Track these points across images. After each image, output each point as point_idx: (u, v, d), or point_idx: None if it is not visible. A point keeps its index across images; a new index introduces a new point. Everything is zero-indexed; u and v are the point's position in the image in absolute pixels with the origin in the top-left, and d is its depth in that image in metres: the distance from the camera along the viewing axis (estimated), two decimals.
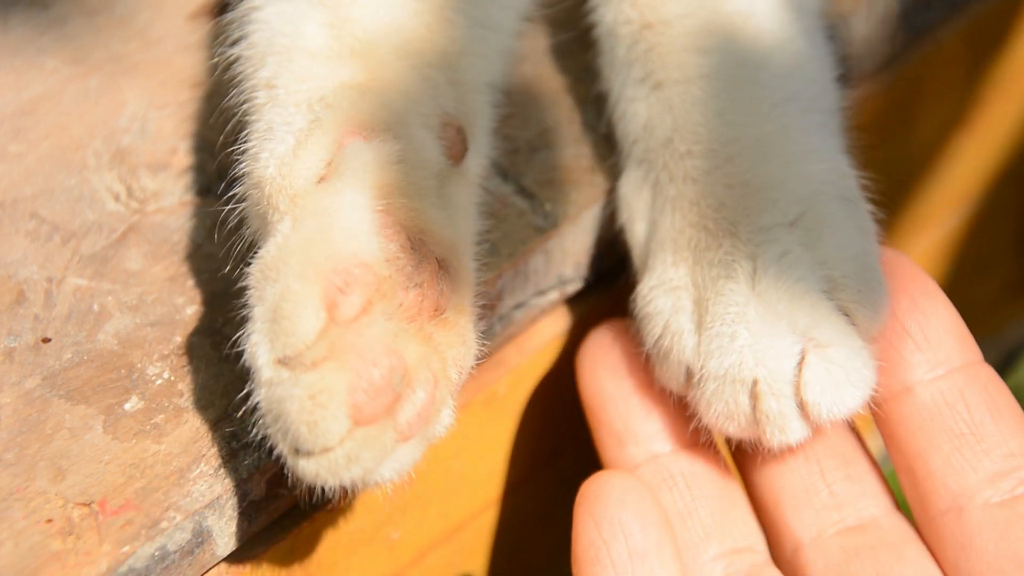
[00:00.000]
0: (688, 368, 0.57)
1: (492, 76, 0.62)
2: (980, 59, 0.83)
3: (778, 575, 0.58)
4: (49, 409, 0.56)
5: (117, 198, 0.63)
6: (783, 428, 0.56)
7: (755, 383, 0.55)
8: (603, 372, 0.62)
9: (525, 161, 0.64)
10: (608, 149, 0.65)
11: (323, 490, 0.50)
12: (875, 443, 0.62)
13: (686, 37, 0.61)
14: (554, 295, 0.64)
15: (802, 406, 0.55)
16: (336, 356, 0.49)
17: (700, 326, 0.57)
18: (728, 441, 0.60)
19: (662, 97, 0.61)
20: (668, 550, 0.57)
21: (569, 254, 0.64)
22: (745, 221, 0.58)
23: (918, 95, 0.79)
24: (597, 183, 0.64)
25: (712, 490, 0.60)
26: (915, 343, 0.58)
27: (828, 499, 0.58)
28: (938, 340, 0.58)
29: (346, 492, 0.51)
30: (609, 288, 0.67)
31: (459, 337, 0.53)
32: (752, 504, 0.61)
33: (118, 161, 0.64)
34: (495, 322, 0.62)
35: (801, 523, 0.58)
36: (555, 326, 0.66)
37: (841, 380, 0.55)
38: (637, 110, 0.62)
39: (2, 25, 0.69)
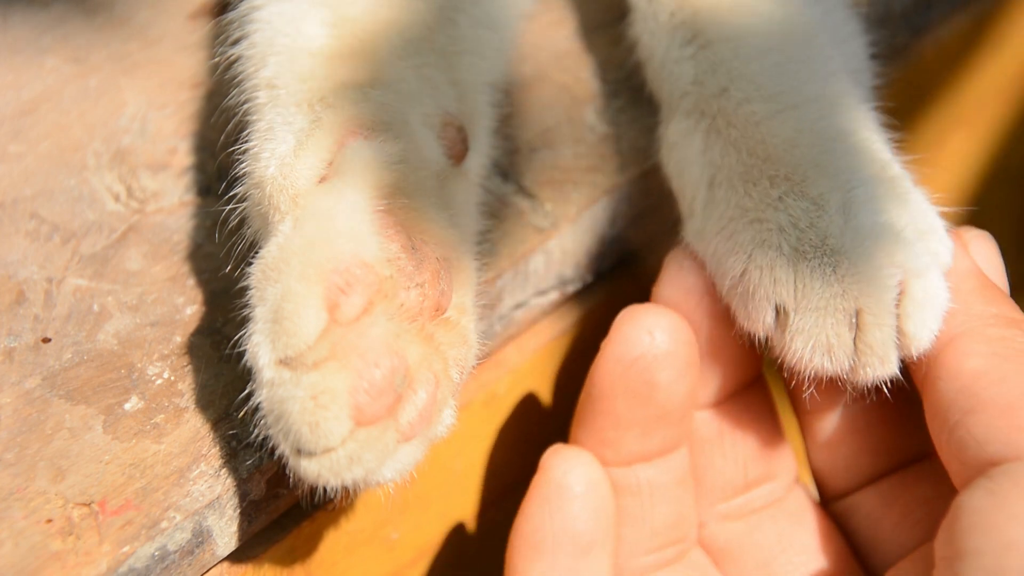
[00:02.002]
0: (778, 304, 0.56)
1: (492, 76, 0.62)
2: (980, 59, 0.83)
3: (701, 554, 0.61)
4: (49, 409, 0.56)
5: (117, 198, 0.63)
6: (884, 359, 0.55)
7: (859, 313, 0.54)
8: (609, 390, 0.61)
9: (525, 161, 0.64)
10: (609, 149, 0.65)
11: (325, 490, 0.50)
12: None
13: (732, 1, 0.61)
14: (554, 295, 0.64)
15: (902, 335, 0.55)
16: (338, 357, 0.49)
17: (795, 256, 0.55)
18: None
19: (713, 52, 0.61)
20: (607, 548, 0.59)
21: (569, 254, 0.64)
22: (827, 159, 0.57)
23: (918, 95, 0.79)
24: (597, 183, 0.64)
25: (670, 500, 0.61)
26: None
27: (736, 475, 0.61)
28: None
29: (347, 492, 0.51)
30: (609, 288, 0.67)
31: (460, 337, 0.53)
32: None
33: (118, 161, 0.64)
34: (495, 322, 0.62)
35: (712, 509, 0.61)
36: (555, 326, 0.66)
37: (934, 310, 0.54)
38: (684, 68, 0.61)
39: (2, 24, 0.69)
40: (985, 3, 0.80)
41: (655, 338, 0.58)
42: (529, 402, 0.66)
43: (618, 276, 0.67)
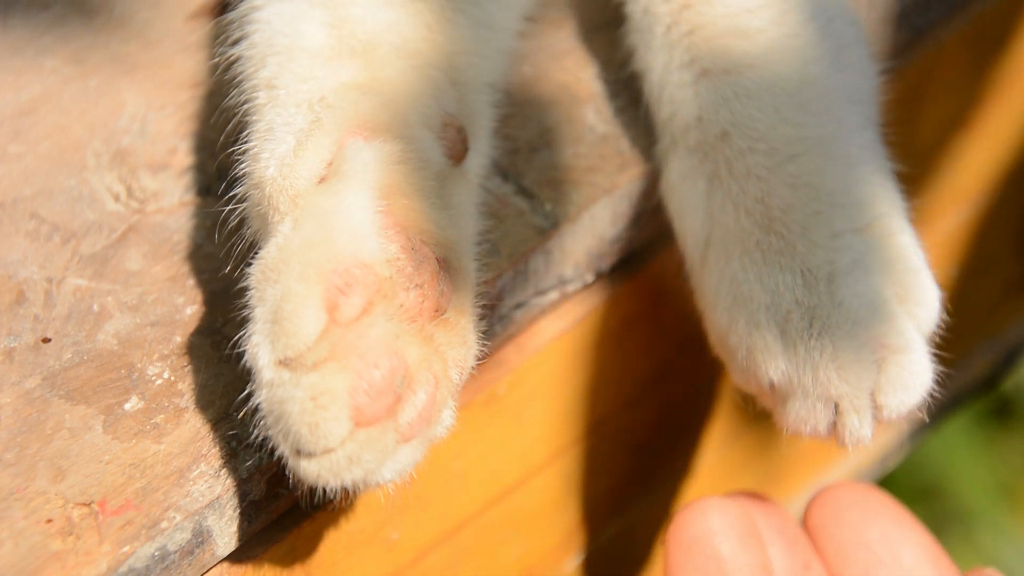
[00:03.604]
0: (772, 381, 0.58)
1: (493, 76, 0.62)
2: (980, 59, 0.83)
3: None
4: (49, 409, 0.56)
5: (117, 198, 0.63)
6: (860, 437, 0.58)
7: (839, 399, 0.57)
8: None
9: (525, 161, 0.64)
10: (609, 149, 0.65)
11: (324, 491, 0.50)
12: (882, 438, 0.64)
13: (727, 19, 0.61)
14: (554, 295, 0.64)
15: (876, 408, 0.58)
16: (337, 357, 0.49)
17: (784, 341, 0.58)
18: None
19: (713, 87, 0.61)
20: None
21: (569, 254, 0.64)
22: (816, 226, 0.58)
23: (918, 95, 0.79)
24: (597, 183, 0.64)
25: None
26: (891, 572, 0.61)
27: None
28: (913, 567, 0.61)
29: (347, 493, 0.51)
30: (609, 288, 0.67)
31: (460, 338, 0.53)
32: None
33: (118, 161, 0.64)
34: (495, 322, 0.62)
35: None
36: (555, 326, 0.65)
37: (912, 384, 0.57)
38: (686, 97, 0.62)
39: (2, 25, 0.69)
40: (985, 3, 0.80)
41: (709, 518, 0.60)
42: (529, 402, 0.66)
43: (618, 276, 0.67)
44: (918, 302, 0.58)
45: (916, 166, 0.60)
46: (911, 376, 0.57)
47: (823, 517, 0.62)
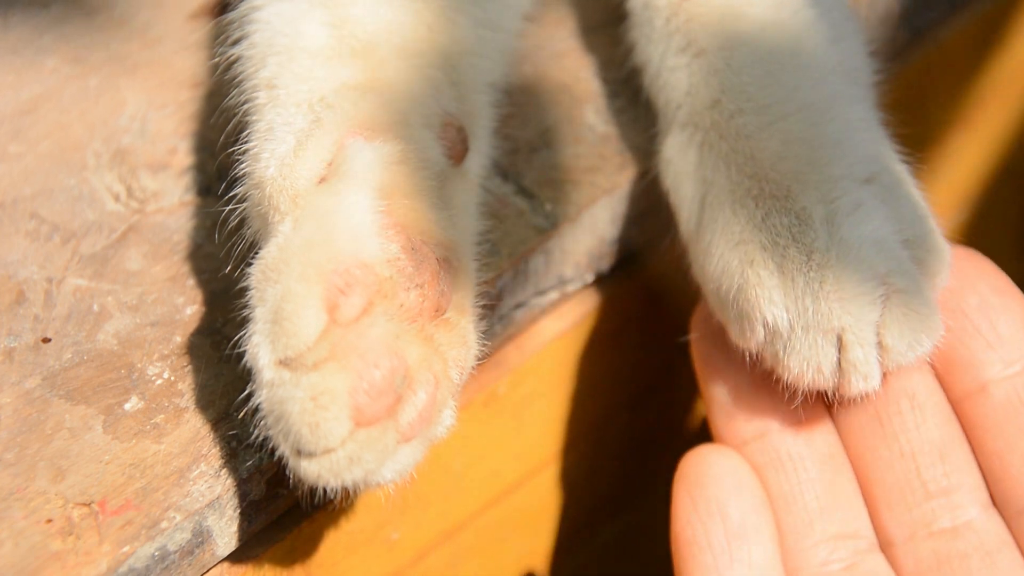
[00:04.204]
0: (767, 322, 0.56)
1: (493, 76, 0.62)
2: (980, 59, 0.83)
3: (881, 562, 0.58)
4: (49, 409, 0.56)
5: (117, 198, 0.63)
6: (867, 375, 0.56)
7: (843, 331, 0.55)
8: (714, 343, 0.61)
9: (525, 161, 0.64)
10: (609, 149, 0.65)
11: (325, 491, 0.50)
12: None
13: (725, 7, 0.61)
14: (554, 295, 0.64)
15: (882, 349, 0.56)
16: (337, 357, 0.49)
17: (782, 276, 0.56)
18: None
19: (705, 63, 0.61)
20: (767, 533, 0.57)
21: (569, 254, 0.64)
22: (811, 171, 0.57)
23: (918, 95, 0.79)
24: (597, 183, 0.64)
25: (820, 472, 0.59)
26: (987, 341, 0.58)
27: (923, 498, 0.58)
28: (1011, 337, 0.58)
29: (347, 493, 0.51)
30: (609, 288, 0.67)
31: (460, 338, 0.53)
32: None
33: (118, 161, 0.64)
34: (495, 322, 0.62)
35: (895, 521, 0.58)
36: (555, 326, 0.66)
37: (919, 325, 0.55)
38: (679, 78, 0.62)
39: (2, 24, 0.69)
40: (985, 3, 0.80)
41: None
42: (529, 402, 0.66)
43: (618, 276, 0.67)
44: (926, 248, 0.57)
45: (915, 165, 0.60)
46: (919, 318, 0.55)
47: None
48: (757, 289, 0.56)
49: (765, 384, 0.59)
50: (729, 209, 0.58)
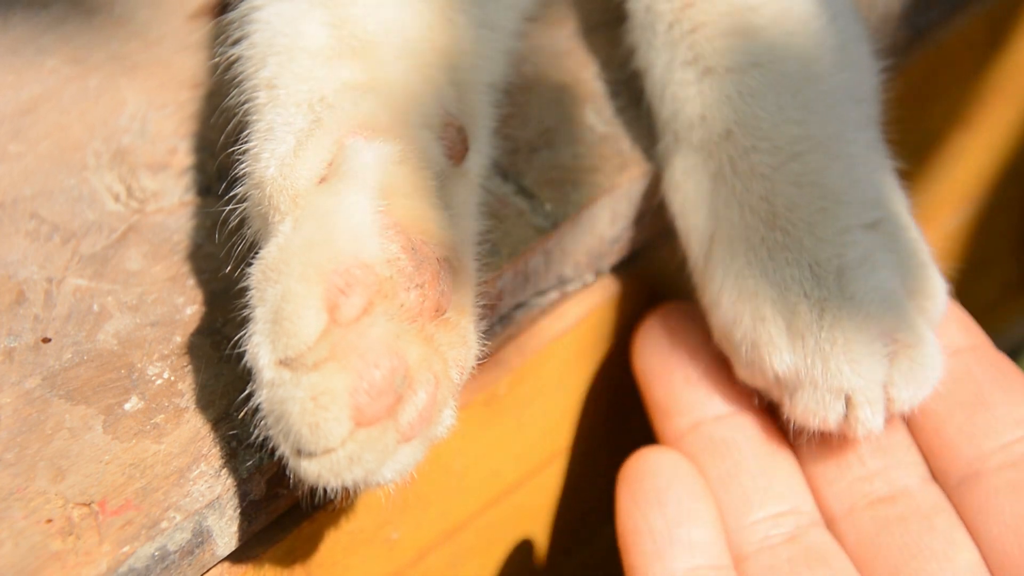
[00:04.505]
0: (777, 375, 0.58)
1: (493, 76, 0.62)
2: (980, 59, 0.83)
3: (825, 536, 0.59)
4: (49, 409, 0.56)
5: (117, 198, 0.63)
6: (872, 427, 0.58)
7: (852, 392, 0.57)
8: (651, 352, 0.63)
9: (525, 161, 0.64)
10: (609, 149, 0.65)
11: (325, 491, 0.50)
12: None
13: (730, 17, 0.61)
14: (554, 295, 0.64)
15: (888, 401, 0.57)
16: (337, 357, 0.49)
17: (790, 334, 0.57)
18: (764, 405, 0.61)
19: (716, 85, 0.61)
20: (707, 516, 0.58)
21: (569, 254, 0.64)
22: (822, 221, 0.58)
23: (918, 95, 0.79)
24: (597, 183, 0.64)
25: (755, 453, 0.61)
26: None
27: (860, 471, 0.59)
28: (942, 327, 0.60)
29: (348, 493, 0.51)
30: (609, 288, 0.67)
31: (460, 338, 0.53)
32: None
33: (118, 161, 0.64)
34: (495, 322, 0.62)
35: (834, 497, 0.60)
36: (555, 326, 0.65)
37: (922, 375, 0.57)
38: (689, 95, 0.62)
39: (2, 24, 0.69)
40: (985, 3, 0.80)
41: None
42: (529, 402, 0.66)
43: (618, 276, 0.67)
44: (928, 295, 0.59)
45: (916, 165, 0.60)
46: (923, 370, 0.57)
47: None
48: (769, 347, 0.58)
49: (699, 381, 0.62)
50: (743, 257, 0.59)
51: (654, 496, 0.59)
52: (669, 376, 0.62)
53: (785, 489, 0.60)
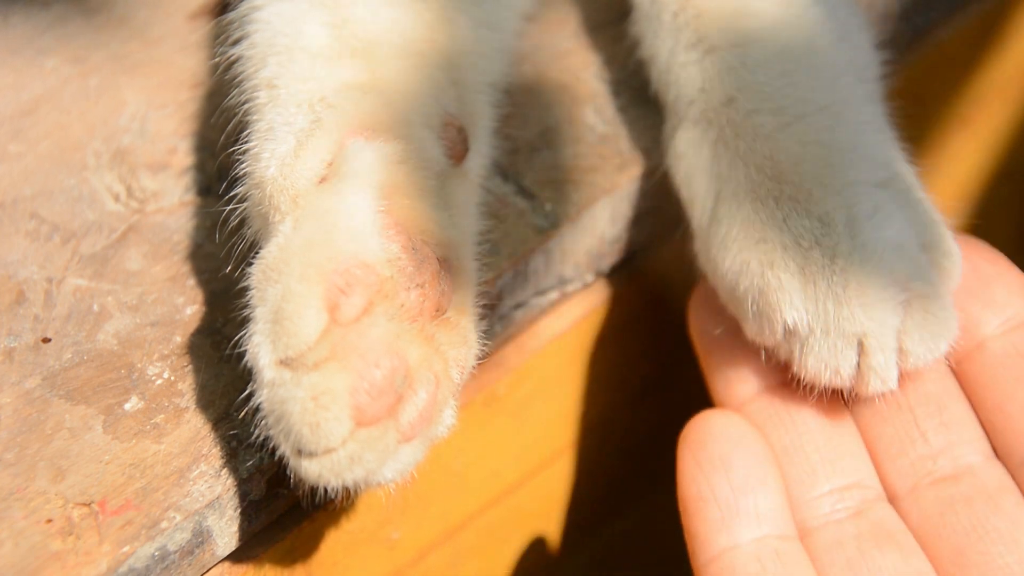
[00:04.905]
0: (787, 324, 0.57)
1: (493, 76, 0.62)
2: (980, 58, 0.83)
3: (891, 512, 0.58)
4: (49, 409, 0.56)
5: (117, 198, 0.63)
6: (886, 379, 0.57)
7: (864, 336, 0.56)
8: (709, 316, 0.61)
9: (525, 161, 0.64)
10: (609, 149, 0.65)
11: (325, 490, 0.50)
12: None
13: (733, 2, 0.62)
14: (554, 295, 0.64)
15: (901, 353, 0.56)
16: (338, 357, 0.49)
17: (803, 278, 0.56)
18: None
19: (719, 59, 0.61)
20: (773, 484, 0.58)
21: (569, 254, 0.64)
22: (831, 175, 0.57)
23: (918, 94, 0.79)
24: (597, 183, 0.64)
25: (821, 424, 0.59)
26: (983, 303, 0.59)
27: (923, 448, 0.58)
28: (1006, 301, 0.59)
29: (348, 492, 0.51)
30: (609, 288, 0.67)
31: (461, 337, 0.53)
32: None
33: (118, 161, 0.64)
34: (495, 322, 0.62)
35: (897, 474, 0.59)
36: (555, 326, 0.66)
37: (937, 328, 0.56)
38: (691, 73, 0.62)
39: (2, 24, 0.69)
40: (985, 3, 0.80)
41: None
42: (529, 402, 0.66)
43: (618, 276, 0.67)
44: (943, 252, 0.57)
45: (916, 165, 0.60)
46: (938, 322, 0.56)
47: None
48: (778, 292, 0.56)
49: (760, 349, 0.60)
50: (749, 206, 0.58)
51: (719, 461, 0.58)
52: (731, 341, 0.60)
53: (850, 462, 0.59)
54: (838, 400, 0.60)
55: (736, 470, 0.58)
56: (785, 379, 0.59)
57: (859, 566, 0.56)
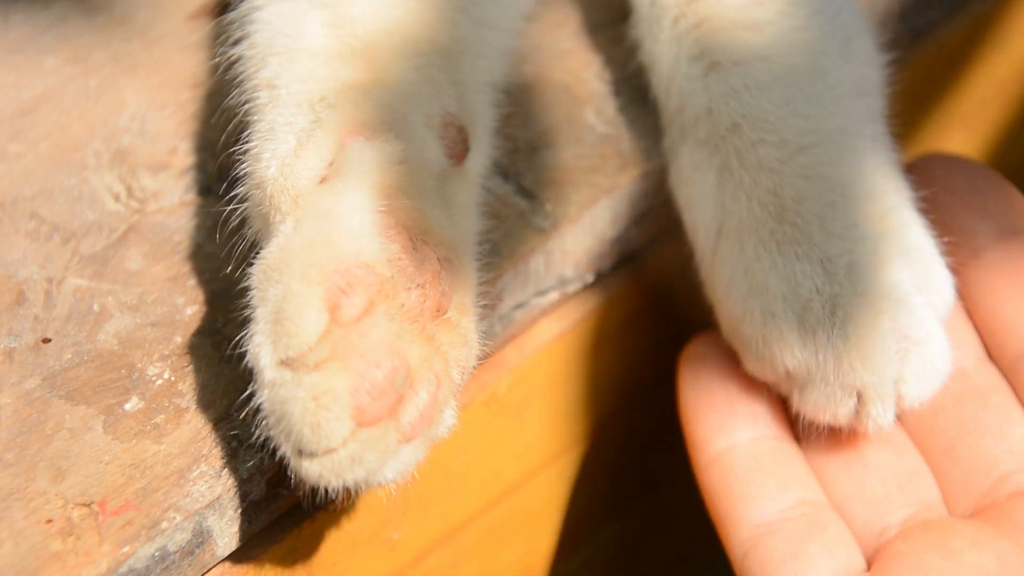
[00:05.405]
0: (787, 370, 0.58)
1: (493, 76, 0.62)
2: (980, 59, 0.83)
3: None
4: (49, 409, 0.55)
5: (117, 198, 0.63)
6: (882, 423, 0.58)
7: (863, 388, 0.57)
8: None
9: (525, 161, 0.64)
10: (609, 149, 0.65)
11: (326, 491, 0.50)
12: None
13: (735, 11, 0.62)
14: (554, 295, 0.64)
15: (898, 397, 0.58)
16: (339, 357, 0.49)
17: (802, 329, 0.57)
18: None
19: (723, 79, 0.61)
20: (767, 393, 0.60)
21: (569, 254, 0.64)
22: (832, 216, 0.58)
23: (917, 94, 0.79)
24: (597, 183, 0.64)
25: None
26: (977, 213, 0.61)
27: None
28: (1000, 211, 0.61)
29: (349, 493, 0.51)
30: (609, 288, 0.67)
31: (461, 337, 0.53)
32: None
33: (118, 161, 0.64)
34: (495, 322, 0.62)
35: None
36: (555, 326, 0.66)
37: (933, 371, 0.58)
38: (696, 89, 0.62)
39: (2, 24, 0.69)
40: (985, 3, 0.80)
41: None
42: (529, 402, 0.66)
43: (618, 276, 0.67)
44: (935, 290, 0.59)
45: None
46: (933, 366, 0.58)
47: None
48: (779, 343, 0.58)
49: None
50: (752, 251, 0.59)
51: (716, 373, 0.60)
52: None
53: None
54: None
55: (731, 379, 0.60)
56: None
57: (855, 463, 0.59)
